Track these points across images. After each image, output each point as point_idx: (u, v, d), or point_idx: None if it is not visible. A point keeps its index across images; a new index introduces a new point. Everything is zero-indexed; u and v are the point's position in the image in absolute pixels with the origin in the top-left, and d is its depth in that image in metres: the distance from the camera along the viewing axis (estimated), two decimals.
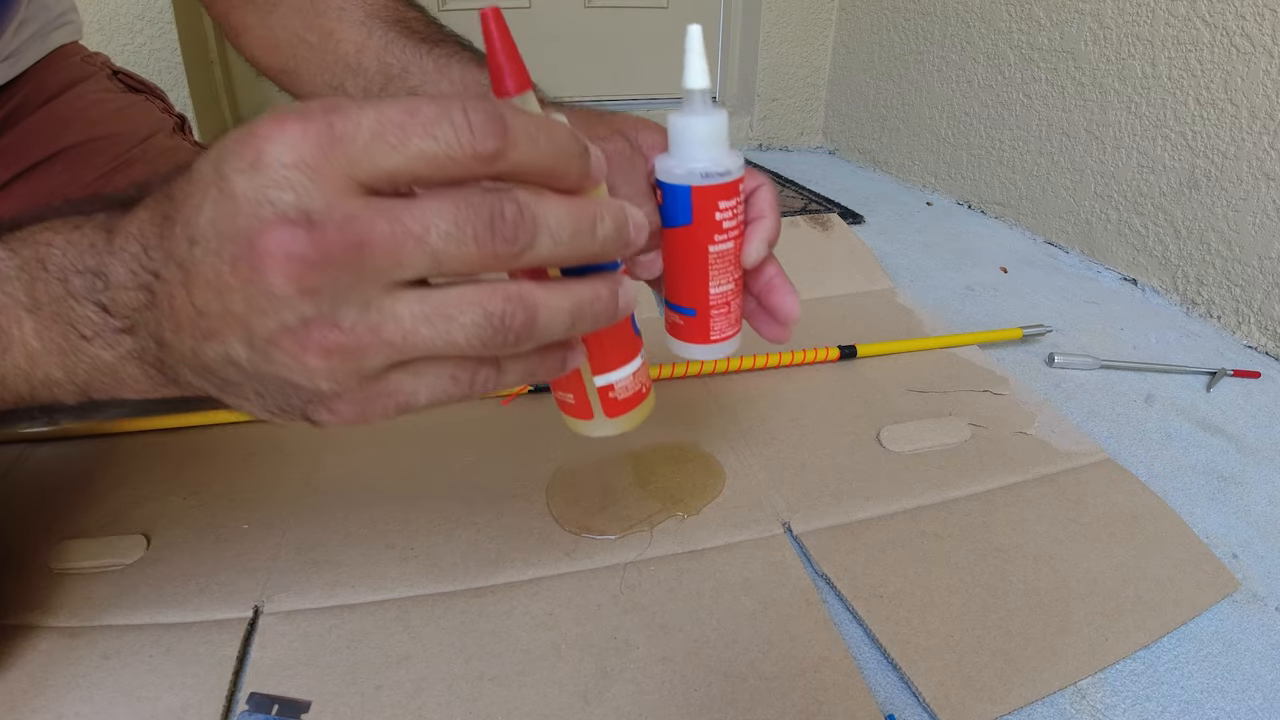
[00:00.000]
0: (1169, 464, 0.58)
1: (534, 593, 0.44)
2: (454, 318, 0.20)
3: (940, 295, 0.87)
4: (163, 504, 0.50)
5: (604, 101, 1.67)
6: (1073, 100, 0.98)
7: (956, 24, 1.18)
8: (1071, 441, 0.58)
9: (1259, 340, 0.76)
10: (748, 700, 0.37)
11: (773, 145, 1.65)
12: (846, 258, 0.90)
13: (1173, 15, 0.83)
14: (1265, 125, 0.74)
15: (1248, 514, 0.52)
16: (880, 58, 1.40)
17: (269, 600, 0.43)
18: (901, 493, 0.52)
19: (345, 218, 0.19)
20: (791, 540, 0.48)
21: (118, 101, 0.60)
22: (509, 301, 0.21)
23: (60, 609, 0.42)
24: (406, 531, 0.48)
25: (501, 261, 0.20)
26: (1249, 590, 0.46)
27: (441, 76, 0.44)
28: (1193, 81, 0.81)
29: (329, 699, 0.37)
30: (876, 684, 0.39)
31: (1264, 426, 0.62)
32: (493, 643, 0.41)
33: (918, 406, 0.62)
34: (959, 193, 1.23)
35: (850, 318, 0.79)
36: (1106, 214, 0.95)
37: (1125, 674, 0.40)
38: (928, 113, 1.28)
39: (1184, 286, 0.85)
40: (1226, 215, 0.79)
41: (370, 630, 0.41)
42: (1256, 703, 0.39)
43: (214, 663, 0.39)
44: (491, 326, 0.20)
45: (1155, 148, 0.87)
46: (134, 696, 0.37)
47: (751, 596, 0.44)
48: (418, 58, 0.44)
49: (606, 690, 0.38)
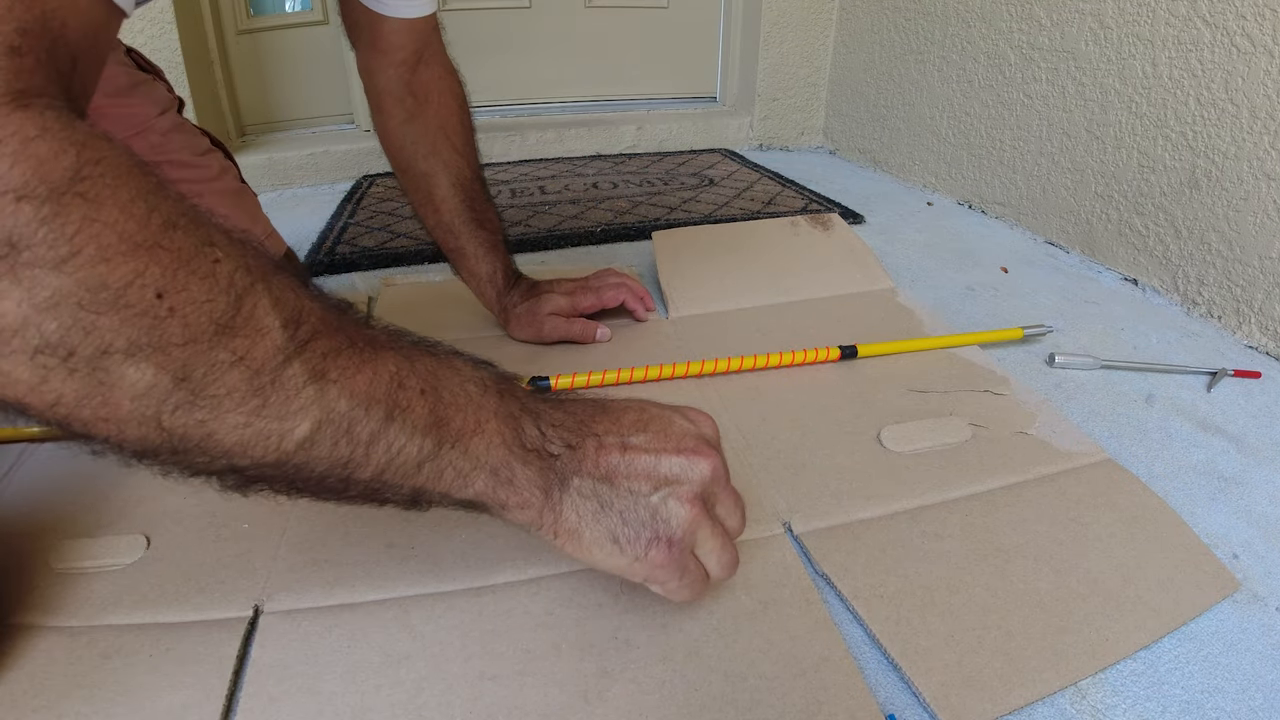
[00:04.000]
0: (1169, 464, 0.57)
1: (534, 592, 0.44)
2: (728, 546, 0.38)
3: (941, 295, 0.87)
4: (163, 504, 0.50)
5: (604, 101, 1.67)
6: (1073, 100, 0.98)
7: (957, 24, 1.18)
8: (1072, 441, 0.58)
9: (1259, 340, 0.76)
10: (748, 700, 0.37)
11: (773, 145, 1.65)
12: (847, 258, 0.90)
13: (1173, 15, 0.83)
14: (1266, 125, 0.74)
15: (1248, 514, 0.52)
16: (881, 58, 1.40)
17: (269, 600, 0.43)
18: (902, 493, 0.52)
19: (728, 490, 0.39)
20: (792, 540, 0.48)
21: (134, 77, 0.69)
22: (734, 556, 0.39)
23: (60, 609, 0.42)
24: (406, 531, 0.48)
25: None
26: (1249, 590, 0.46)
27: (479, 263, 0.71)
28: (1193, 81, 0.81)
29: (329, 699, 0.37)
30: (876, 684, 0.39)
31: (1264, 427, 0.62)
32: (493, 642, 0.41)
33: (918, 406, 0.62)
34: (959, 192, 1.23)
35: (851, 318, 0.79)
36: (1107, 214, 0.95)
37: (1126, 674, 0.40)
38: (928, 113, 1.28)
39: (1184, 286, 0.85)
40: (1227, 215, 0.79)
41: (370, 630, 0.41)
42: (1257, 703, 0.39)
43: (214, 662, 0.39)
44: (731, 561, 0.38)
45: (1156, 148, 0.87)
46: (134, 696, 0.37)
47: (751, 596, 0.44)
48: (470, 232, 0.70)
49: (607, 690, 0.38)
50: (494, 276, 0.72)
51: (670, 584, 0.36)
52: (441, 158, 0.68)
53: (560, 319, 0.72)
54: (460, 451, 0.32)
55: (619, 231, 1.07)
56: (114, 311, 0.23)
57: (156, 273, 0.23)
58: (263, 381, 0.26)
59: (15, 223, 0.21)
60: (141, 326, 0.23)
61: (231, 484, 0.28)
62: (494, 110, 1.59)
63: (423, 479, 0.31)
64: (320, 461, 0.28)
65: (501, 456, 0.33)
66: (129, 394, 0.24)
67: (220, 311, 0.25)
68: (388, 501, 0.32)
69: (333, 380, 0.28)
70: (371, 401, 0.29)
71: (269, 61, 1.42)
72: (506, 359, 0.71)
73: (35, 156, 0.22)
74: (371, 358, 0.30)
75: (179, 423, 0.25)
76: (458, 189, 0.69)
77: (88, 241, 0.22)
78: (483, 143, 0.73)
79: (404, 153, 0.69)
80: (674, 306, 0.81)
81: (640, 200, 1.22)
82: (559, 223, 1.11)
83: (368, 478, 0.30)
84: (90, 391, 0.23)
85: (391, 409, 0.30)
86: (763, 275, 0.86)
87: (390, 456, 0.30)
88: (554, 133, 1.50)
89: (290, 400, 0.27)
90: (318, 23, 1.43)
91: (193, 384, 0.25)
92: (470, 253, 0.70)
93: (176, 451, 0.26)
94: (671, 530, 0.35)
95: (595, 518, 0.35)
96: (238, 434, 0.26)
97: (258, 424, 0.26)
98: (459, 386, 0.33)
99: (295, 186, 1.36)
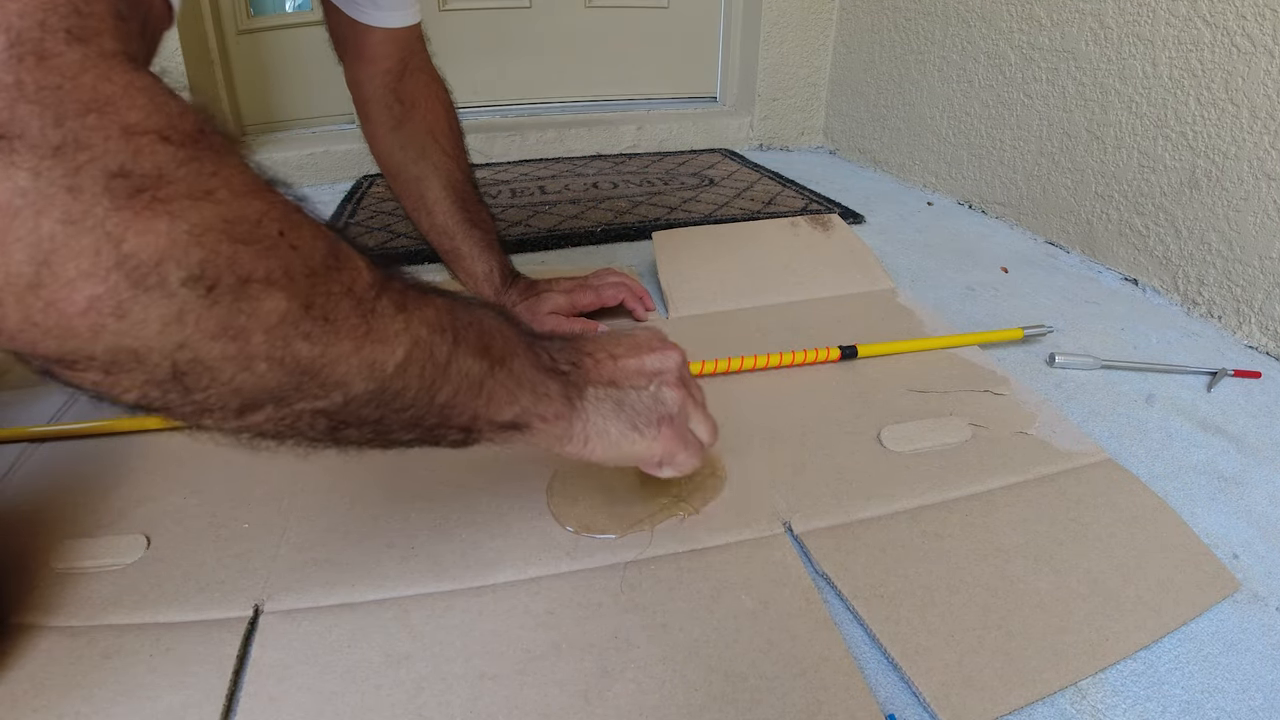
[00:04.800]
0: (1170, 464, 0.57)
1: (534, 592, 0.44)
2: (709, 415, 0.46)
3: (941, 295, 0.87)
4: (163, 504, 0.50)
5: (604, 101, 1.67)
6: (1073, 100, 0.98)
7: (957, 24, 1.18)
8: (1072, 441, 0.58)
9: (1260, 340, 0.76)
10: (748, 700, 0.37)
11: (773, 145, 1.65)
12: (847, 258, 0.90)
13: (1174, 15, 0.83)
14: (1266, 125, 0.74)
15: (1248, 514, 0.52)
16: (881, 57, 1.40)
17: (269, 599, 0.43)
18: (902, 492, 0.52)
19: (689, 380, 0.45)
20: (792, 540, 0.48)
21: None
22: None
23: (60, 608, 0.42)
24: (406, 531, 0.48)
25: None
26: (1249, 590, 0.46)
27: (474, 263, 0.72)
28: (1193, 81, 0.81)
29: (329, 699, 0.37)
30: (876, 684, 0.39)
31: (1265, 427, 0.62)
32: (493, 642, 0.41)
33: (918, 406, 0.62)
34: (960, 192, 1.23)
35: (851, 318, 0.79)
36: (1107, 214, 0.95)
37: (1126, 674, 0.40)
38: (928, 112, 1.28)
39: (1185, 286, 0.85)
40: (1227, 215, 0.79)
41: (370, 629, 0.41)
42: (1257, 703, 0.39)
43: (214, 662, 0.39)
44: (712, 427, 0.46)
45: (1156, 147, 0.87)
46: (134, 696, 0.37)
47: (752, 596, 0.44)
48: (464, 232, 0.71)
49: (607, 689, 0.38)
50: (490, 275, 0.72)
51: (679, 455, 0.42)
52: (431, 161, 0.69)
53: (560, 318, 0.72)
54: (507, 371, 0.36)
55: (619, 231, 1.07)
56: (252, 243, 0.25)
57: (277, 214, 0.26)
58: (365, 310, 0.29)
59: (160, 159, 0.23)
60: (275, 258, 0.26)
61: (324, 429, 0.30)
62: (494, 110, 1.59)
63: (483, 399, 0.35)
64: (410, 387, 0.31)
65: (535, 375, 0.38)
66: (264, 324, 0.25)
67: (326, 250, 0.28)
68: (445, 435, 0.35)
69: (413, 310, 0.31)
70: (441, 329, 0.33)
71: (269, 61, 1.42)
72: None
73: (168, 108, 0.24)
74: (429, 295, 0.33)
75: (304, 352, 0.27)
76: (449, 191, 0.70)
77: (222, 183, 0.24)
78: (483, 143, 0.73)
79: (394, 158, 0.70)
80: (674, 306, 0.81)
81: (640, 200, 1.22)
82: (559, 223, 1.11)
83: (443, 401, 0.33)
84: (229, 322, 0.24)
85: (456, 336, 0.33)
86: (763, 275, 0.86)
87: (461, 376, 0.33)
88: (554, 133, 1.50)
89: (387, 326, 0.30)
90: (318, 23, 1.42)
91: (317, 310, 0.27)
92: (465, 253, 0.71)
93: (294, 388, 0.27)
94: (671, 410, 0.42)
95: (615, 414, 0.41)
96: (350, 361, 0.28)
97: (365, 349, 0.29)
98: (488, 320, 0.37)
99: (295, 187, 1.36)
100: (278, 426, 0.29)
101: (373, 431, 0.32)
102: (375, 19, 0.65)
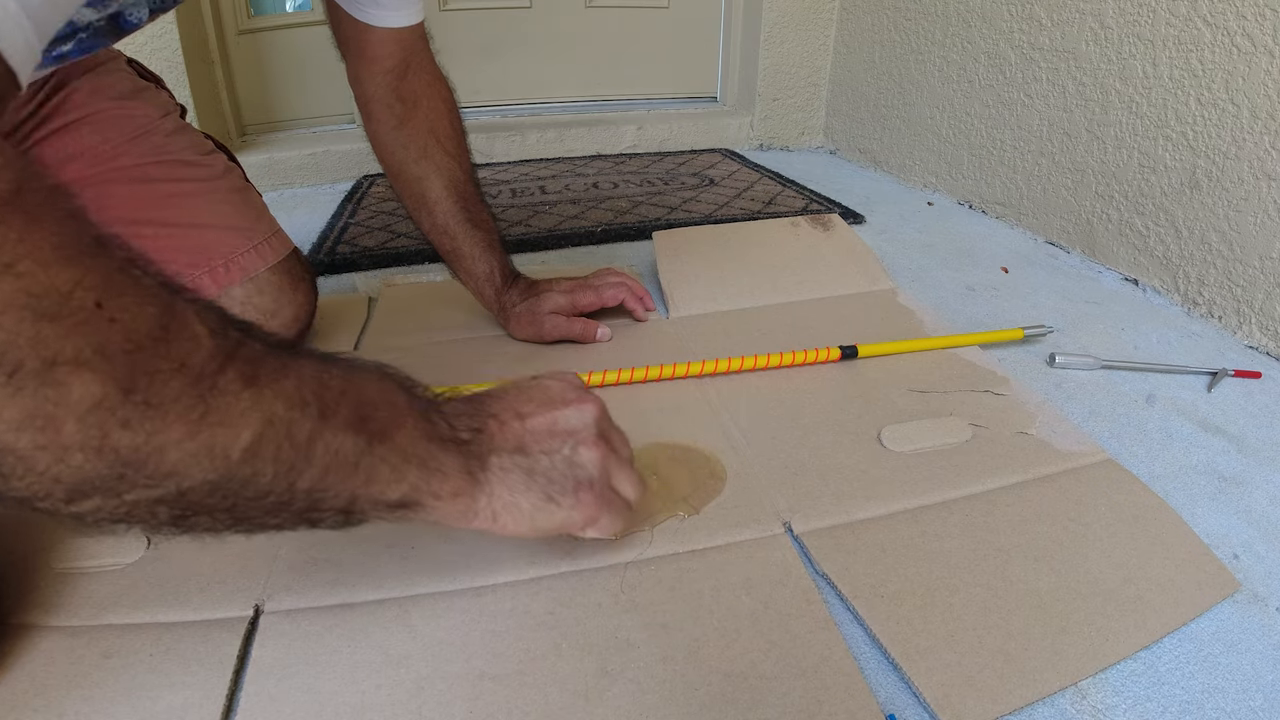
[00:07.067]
0: (1170, 464, 0.57)
1: (534, 592, 0.44)
2: (632, 471, 0.43)
3: (941, 295, 0.87)
4: None
5: (604, 101, 1.67)
6: (1074, 100, 0.98)
7: (957, 24, 1.18)
8: (1072, 442, 0.58)
9: (1260, 340, 0.76)
10: (748, 700, 0.37)
11: (773, 145, 1.65)
12: (847, 258, 0.90)
13: (1174, 15, 0.83)
14: (1266, 125, 0.74)
15: (1249, 514, 0.52)
16: (881, 58, 1.40)
17: (270, 599, 0.43)
18: (902, 493, 0.52)
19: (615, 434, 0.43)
20: (792, 540, 0.48)
21: (136, 84, 0.70)
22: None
23: (60, 608, 0.42)
24: (406, 531, 0.48)
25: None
26: (1250, 591, 0.46)
27: (475, 263, 0.71)
28: (1194, 81, 0.81)
29: (329, 698, 0.37)
30: (877, 684, 0.39)
31: (1265, 427, 0.62)
32: (493, 642, 0.41)
33: (918, 406, 0.62)
34: (960, 193, 1.23)
35: (851, 318, 0.79)
36: (1107, 214, 0.95)
37: (1126, 674, 0.40)
38: (928, 113, 1.28)
39: (1185, 287, 0.85)
40: (1227, 215, 0.79)
41: (370, 630, 0.41)
42: (1257, 703, 0.39)
43: (214, 662, 0.39)
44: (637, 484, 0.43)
45: (1156, 148, 0.87)
46: (134, 696, 0.37)
47: (752, 596, 0.44)
48: (466, 232, 0.70)
49: (607, 690, 0.38)
50: (491, 275, 0.72)
51: (603, 520, 0.40)
52: (433, 161, 0.69)
53: (561, 318, 0.72)
54: (390, 447, 0.32)
55: (619, 231, 1.07)
56: (60, 319, 0.22)
57: (94, 281, 0.23)
58: (203, 388, 0.26)
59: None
60: (87, 334, 0.23)
61: (166, 519, 0.27)
62: (494, 110, 1.59)
63: (360, 480, 0.31)
64: (264, 472, 0.28)
65: (426, 448, 0.34)
66: (76, 411, 0.23)
67: (155, 320, 0.25)
68: (321, 519, 0.32)
69: (266, 384, 0.28)
70: (303, 403, 0.29)
71: (269, 61, 1.42)
72: (506, 358, 0.71)
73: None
74: (290, 362, 0.30)
75: (125, 442, 0.24)
76: (451, 191, 0.69)
77: (30, 250, 0.22)
78: (483, 143, 0.73)
79: (395, 157, 0.69)
80: (674, 306, 0.81)
81: (640, 200, 1.22)
82: (559, 223, 1.11)
83: (308, 486, 0.29)
84: (35, 410, 0.22)
85: (323, 409, 0.30)
86: (763, 275, 0.86)
87: (330, 456, 0.30)
88: (554, 133, 1.50)
89: (231, 406, 0.26)
90: (318, 23, 1.43)
91: (138, 394, 0.24)
92: (466, 253, 0.71)
93: (118, 479, 0.25)
94: (590, 473, 0.39)
95: (526, 485, 0.37)
96: (183, 448, 0.25)
97: (203, 434, 0.26)
98: (372, 386, 0.33)
99: (295, 186, 1.36)
100: (114, 515, 0.26)
101: (230, 519, 0.29)
102: (377, 18, 0.65)
